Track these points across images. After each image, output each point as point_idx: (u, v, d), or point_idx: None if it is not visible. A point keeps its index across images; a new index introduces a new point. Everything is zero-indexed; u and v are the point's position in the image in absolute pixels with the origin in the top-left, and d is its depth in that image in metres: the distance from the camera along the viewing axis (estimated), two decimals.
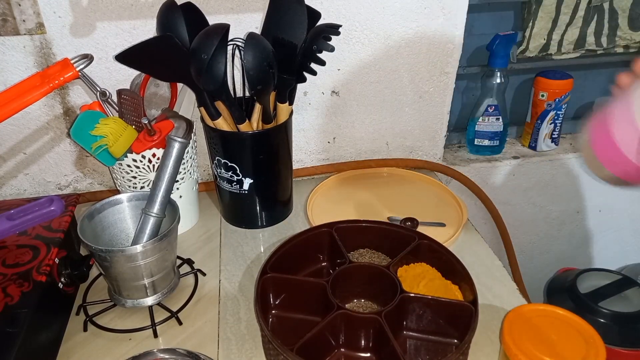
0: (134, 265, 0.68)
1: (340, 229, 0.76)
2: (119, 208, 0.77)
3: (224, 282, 0.79)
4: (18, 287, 0.65)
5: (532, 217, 1.25)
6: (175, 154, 0.74)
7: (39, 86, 0.68)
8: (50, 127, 0.91)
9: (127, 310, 0.74)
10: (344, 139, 1.04)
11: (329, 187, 1.01)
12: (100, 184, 0.99)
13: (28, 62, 0.84)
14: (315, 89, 0.97)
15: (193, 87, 0.78)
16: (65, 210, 0.80)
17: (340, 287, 0.69)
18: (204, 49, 0.71)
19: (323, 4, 0.88)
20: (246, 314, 0.74)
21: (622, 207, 1.28)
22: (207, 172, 1.02)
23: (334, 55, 0.88)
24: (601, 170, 0.54)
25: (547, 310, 0.65)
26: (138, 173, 0.81)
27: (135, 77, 0.86)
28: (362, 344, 0.65)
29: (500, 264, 0.82)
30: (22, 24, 0.80)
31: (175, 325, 0.72)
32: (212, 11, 0.84)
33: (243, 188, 0.85)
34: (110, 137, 0.76)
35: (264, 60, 0.73)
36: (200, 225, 0.92)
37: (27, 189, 0.96)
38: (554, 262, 1.33)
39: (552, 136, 1.16)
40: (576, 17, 1.07)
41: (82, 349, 0.69)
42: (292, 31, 0.76)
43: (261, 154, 0.83)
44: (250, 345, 0.69)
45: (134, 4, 0.82)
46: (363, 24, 0.92)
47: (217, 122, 0.80)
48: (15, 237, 0.75)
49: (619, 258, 1.36)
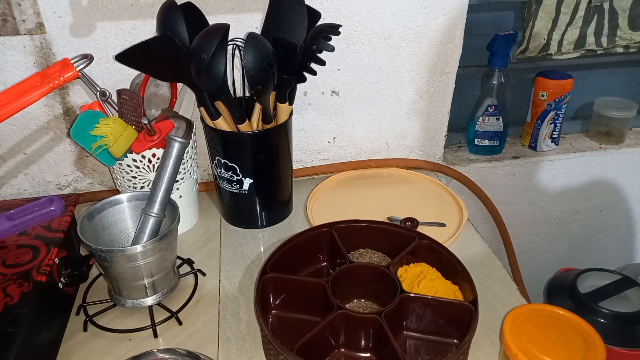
0: (134, 265, 0.68)
1: (340, 229, 0.76)
2: (119, 208, 0.77)
3: (224, 282, 0.79)
4: (18, 287, 0.65)
5: (532, 217, 1.25)
6: (175, 154, 0.74)
7: (39, 86, 0.68)
8: (50, 127, 0.91)
9: (127, 310, 0.74)
10: (344, 139, 1.04)
11: (329, 187, 1.01)
12: (100, 184, 0.99)
13: (28, 62, 0.84)
14: (315, 89, 0.97)
15: (193, 87, 0.78)
16: (65, 210, 0.80)
17: (340, 287, 0.69)
18: (204, 49, 0.71)
19: (323, 3, 0.88)
20: (246, 314, 0.74)
21: (622, 207, 1.28)
22: (207, 172, 1.02)
23: (334, 55, 0.88)
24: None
25: (547, 310, 0.65)
26: (138, 173, 0.81)
27: (135, 77, 0.86)
28: (362, 344, 0.65)
29: (500, 264, 0.82)
30: (22, 24, 0.80)
31: (175, 325, 0.72)
32: (212, 11, 0.84)
33: (243, 188, 0.85)
34: (110, 137, 0.76)
35: (264, 60, 0.73)
36: (200, 225, 0.92)
37: (27, 189, 0.96)
38: (554, 262, 1.33)
39: (552, 136, 1.16)
40: (576, 17, 1.07)
41: (82, 349, 0.69)
42: (292, 31, 0.76)
43: (261, 154, 0.83)
44: (250, 345, 0.69)
45: (134, 4, 0.82)
46: (363, 23, 0.92)
47: (217, 122, 0.80)
48: (15, 237, 0.75)
49: (619, 258, 1.36)
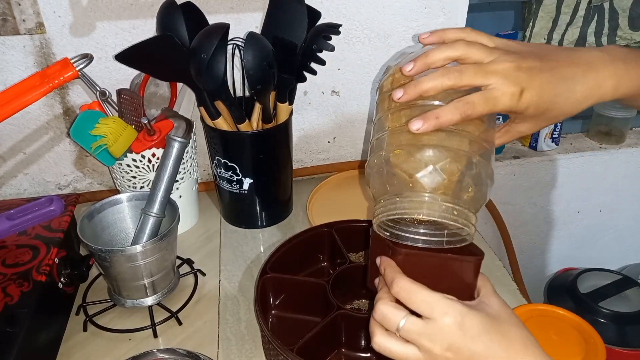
0: (133, 265, 0.68)
1: (340, 229, 0.76)
2: (119, 208, 0.77)
3: (224, 282, 0.79)
4: (18, 287, 0.65)
5: (532, 217, 1.25)
6: (175, 153, 0.74)
7: (38, 86, 0.68)
8: (50, 127, 0.91)
9: (127, 310, 0.74)
10: (344, 139, 1.04)
11: (329, 187, 1.00)
12: (100, 184, 0.99)
13: (28, 61, 0.84)
14: (315, 89, 0.96)
15: (193, 87, 0.77)
16: (65, 210, 0.79)
17: (340, 287, 0.69)
18: (203, 48, 0.70)
19: (323, 3, 0.88)
20: (246, 314, 0.73)
21: (622, 207, 1.28)
22: (207, 172, 1.02)
23: (334, 54, 0.88)
24: None
25: (547, 310, 0.65)
26: (138, 173, 0.81)
27: (135, 76, 0.86)
28: (362, 344, 0.65)
29: (500, 264, 0.82)
30: (22, 24, 0.80)
31: (175, 325, 0.72)
32: (212, 11, 0.84)
33: (243, 188, 0.85)
34: (110, 136, 0.76)
35: (264, 60, 0.73)
36: (200, 225, 0.92)
37: (26, 188, 0.96)
38: (554, 262, 1.33)
39: (553, 136, 1.16)
40: (576, 17, 1.06)
41: (82, 349, 0.69)
42: (292, 31, 0.76)
43: (261, 153, 0.83)
44: (250, 346, 0.69)
45: (134, 4, 0.82)
46: (363, 23, 0.92)
47: (217, 121, 0.80)
48: (15, 237, 0.75)
49: (619, 258, 1.36)
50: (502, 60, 0.47)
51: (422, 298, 0.45)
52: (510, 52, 0.48)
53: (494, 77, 0.46)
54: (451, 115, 0.46)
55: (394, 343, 0.46)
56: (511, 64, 0.47)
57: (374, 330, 0.47)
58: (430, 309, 0.44)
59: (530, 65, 0.47)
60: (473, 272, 0.49)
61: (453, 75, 0.46)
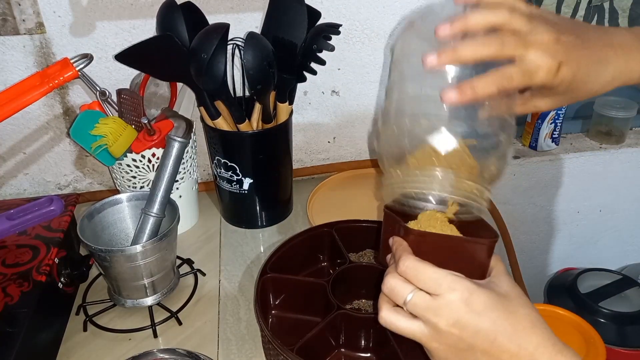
0: (133, 265, 0.68)
1: (341, 229, 0.76)
2: (119, 208, 0.77)
3: (224, 282, 0.79)
4: (18, 287, 0.65)
5: (532, 217, 1.25)
6: (174, 153, 0.74)
7: (38, 86, 0.68)
8: (50, 127, 0.91)
9: (126, 310, 0.74)
10: (344, 139, 1.04)
11: (329, 187, 1.00)
12: (99, 184, 0.99)
13: (28, 61, 0.84)
14: (315, 89, 0.96)
15: (193, 87, 0.77)
16: (64, 210, 0.79)
17: (341, 288, 0.69)
18: (203, 48, 0.70)
19: (323, 3, 0.88)
20: (246, 314, 0.73)
21: (622, 207, 1.28)
22: (207, 172, 1.02)
23: (334, 54, 0.87)
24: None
25: (547, 310, 0.65)
26: (138, 173, 0.81)
27: (135, 76, 0.86)
28: (362, 344, 0.65)
29: None
30: (22, 24, 0.80)
31: (175, 325, 0.72)
32: (212, 11, 0.84)
33: (243, 188, 0.85)
34: (110, 136, 0.76)
35: (264, 60, 0.73)
36: (200, 225, 0.92)
37: (26, 188, 0.96)
38: (554, 262, 1.33)
39: (553, 136, 1.16)
40: (576, 17, 1.06)
41: (82, 349, 0.69)
42: (292, 31, 0.76)
43: (261, 153, 0.83)
44: (250, 346, 0.69)
45: (134, 4, 0.82)
46: (363, 23, 0.91)
47: (217, 121, 0.80)
48: (15, 236, 0.75)
49: (619, 258, 1.36)
50: (542, 31, 0.45)
51: (429, 275, 0.44)
52: (548, 21, 0.46)
53: (533, 49, 0.44)
54: (488, 88, 0.44)
55: (400, 318, 0.45)
56: (551, 36, 0.44)
57: (381, 305, 0.47)
58: (437, 285, 0.44)
59: (568, 39, 0.45)
60: (486, 253, 0.48)
61: (494, 45, 0.44)
